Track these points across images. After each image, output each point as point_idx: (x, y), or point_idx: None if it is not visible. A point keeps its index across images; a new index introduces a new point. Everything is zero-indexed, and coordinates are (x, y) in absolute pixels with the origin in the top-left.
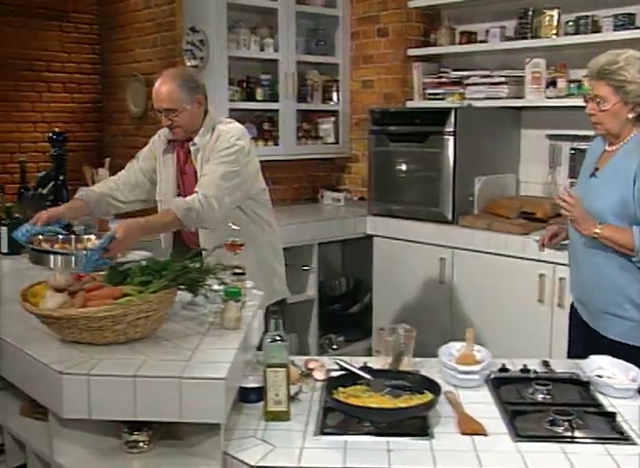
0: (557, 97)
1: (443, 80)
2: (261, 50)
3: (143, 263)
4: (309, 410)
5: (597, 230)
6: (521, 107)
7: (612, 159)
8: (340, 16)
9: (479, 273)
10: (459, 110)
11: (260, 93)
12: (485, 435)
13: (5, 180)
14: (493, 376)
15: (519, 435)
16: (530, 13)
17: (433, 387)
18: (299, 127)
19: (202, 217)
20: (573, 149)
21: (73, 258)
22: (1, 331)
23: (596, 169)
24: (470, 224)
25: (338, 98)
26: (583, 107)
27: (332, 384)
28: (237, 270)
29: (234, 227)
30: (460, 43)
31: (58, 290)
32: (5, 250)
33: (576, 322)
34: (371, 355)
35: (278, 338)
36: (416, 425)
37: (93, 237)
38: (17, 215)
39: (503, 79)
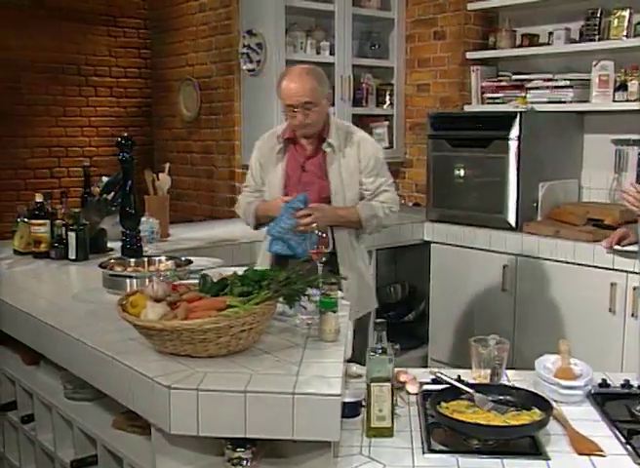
0: (627, 101)
1: (502, 84)
2: (317, 53)
3: (241, 273)
4: (410, 426)
5: None
6: (584, 112)
7: None
8: (395, 18)
9: (545, 281)
10: (523, 115)
11: None
12: (603, 455)
13: (52, 185)
14: (593, 391)
15: None
16: (598, 13)
17: (542, 403)
18: None
19: (382, 224)
20: None
21: (147, 281)
22: (95, 341)
23: None
24: (536, 231)
25: (392, 102)
26: None
27: (435, 399)
28: (331, 280)
29: (320, 234)
30: (521, 45)
31: (155, 300)
32: (73, 256)
33: None
34: (427, 364)
35: (381, 351)
36: (525, 443)
37: (163, 258)
38: (84, 221)
39: (568, 82)
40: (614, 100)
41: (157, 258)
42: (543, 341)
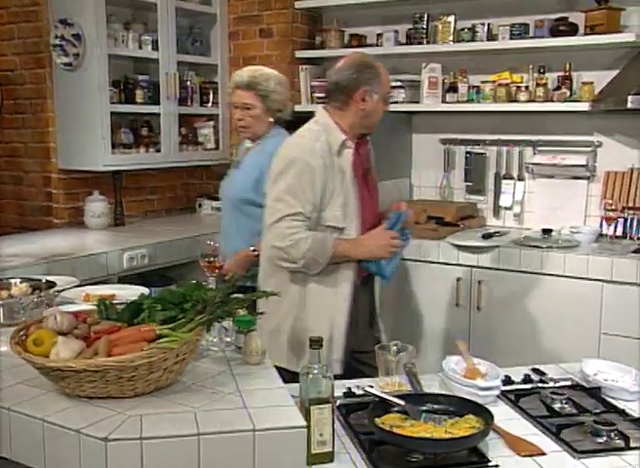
0: (457, 102)
1: None
2: (140, 47)
3: (155, 296)
4: (344, 446)
5: None
6: (412, 112)
7: (250, 154)
8: (218, 14)
9: (392, 279)
10: None
11: (139, 95)
12: (543, 454)
13: None
14: (502, 389)
15: (578, 451)
16: (425, 18)
17: (475, 409)
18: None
19: None
20: (468, 153)
21: (1, 311)
22: None
23: (239, 162)
24: None
25: (216, 102)
26: (480, 112)
27: (371, 415)
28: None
29: (213, 243)
30: (350, 46)
31: (60, 334)
32: None
33: None
34: None
35: (317, 371)
36: (466, 452)
37: (17, 280)
38: None
39: (399, 83)
40: (444, 102)
41: (12, 281)
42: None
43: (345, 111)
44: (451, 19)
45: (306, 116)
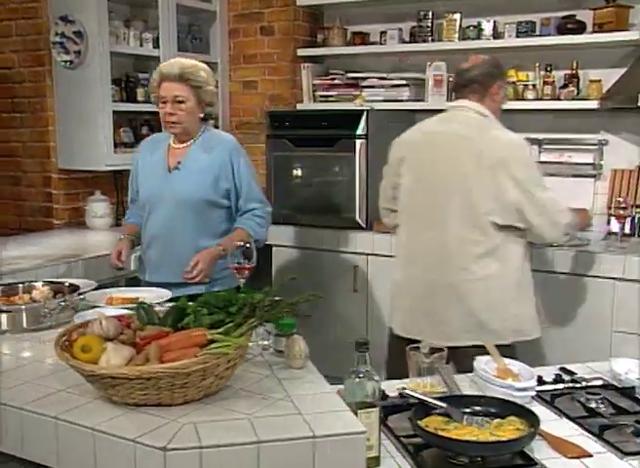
0: None
1: (336, 82)
2: (141, 45)
3: (192, 299)
4: (386, 450)
5: None
6: (416, 110)
7: (189, 153)
8: (217, 11)
9: None
10: (369, 113)
11: (140, 93)
12: (590, 456)
13: None
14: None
15: (625, 452)
16: (429, 16)
17: (519, 410)
18: None
19: None
20: None
21: (24, 315)
22: (18, 399)
23: (179, 162)
24: (388, 230)
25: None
26: None
27: (414, 418)
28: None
29: (245, 245)
30: (353, 44)
31: (106, 340)
32: None
33: None
34: None
35: (363, 375)
36: (511, 455)
37: (39, 284)
38: None
39: (404, 81)
40: (449, 100)
41: (35, 284)
42: None
43: (483, 103)
44: (456, 16)
45: (327, 114)
